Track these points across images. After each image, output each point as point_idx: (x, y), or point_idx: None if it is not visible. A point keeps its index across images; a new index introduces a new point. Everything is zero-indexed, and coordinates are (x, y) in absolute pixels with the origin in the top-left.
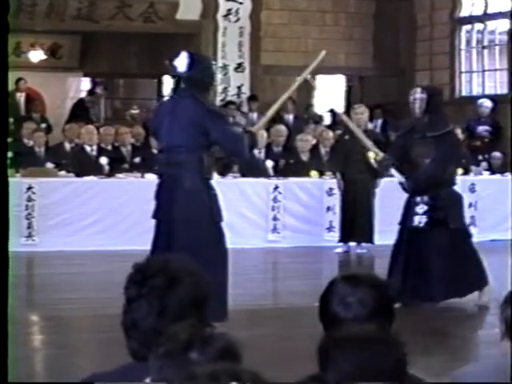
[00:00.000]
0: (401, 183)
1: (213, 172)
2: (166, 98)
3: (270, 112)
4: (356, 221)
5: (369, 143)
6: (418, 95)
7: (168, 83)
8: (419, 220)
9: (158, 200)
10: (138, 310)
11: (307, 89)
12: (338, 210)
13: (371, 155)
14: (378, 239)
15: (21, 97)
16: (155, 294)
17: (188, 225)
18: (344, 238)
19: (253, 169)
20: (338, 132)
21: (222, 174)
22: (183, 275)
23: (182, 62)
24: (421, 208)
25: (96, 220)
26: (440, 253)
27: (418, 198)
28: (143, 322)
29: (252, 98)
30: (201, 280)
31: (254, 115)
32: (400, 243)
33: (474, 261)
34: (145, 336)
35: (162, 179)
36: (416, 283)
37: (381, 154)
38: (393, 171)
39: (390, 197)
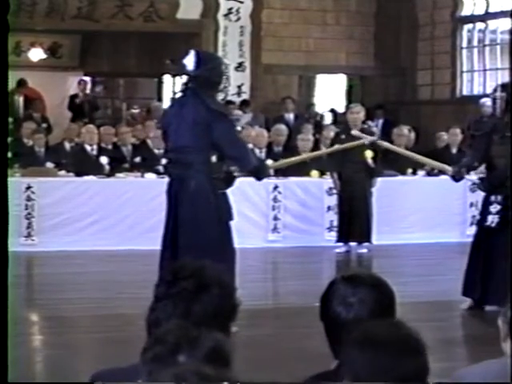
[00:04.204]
0: (476, 183)
1: (221, 171)
2: (177, 96)
3: (290, 160)
4: (354, 220)
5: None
6: (498, 93)
7: (168, 83)
8: (492, 220)
9: (167, 199)
10: (163, 310)
11: (308, 88)
12: None
13: (368, 154)
14: (377, 239)
15: (19, 96)
16: (182, 296)
17: (194, 225)
18: (342, 238)
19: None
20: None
21: (228, 185)
22: (213, 284)
23: (189, 61)
24: (494, 207)
25: (96, 220)
26: (506, 255)
27: (493, 198)
28: (166, 323)
29: (244, 103)
30: (229, 293)
31: (249, 115)
32: (475, 242)
33: None
34: None
35: (171, 179)
36: (481, 285)
37: (449, 168)
38: (467, 177)
39: (388, 197)
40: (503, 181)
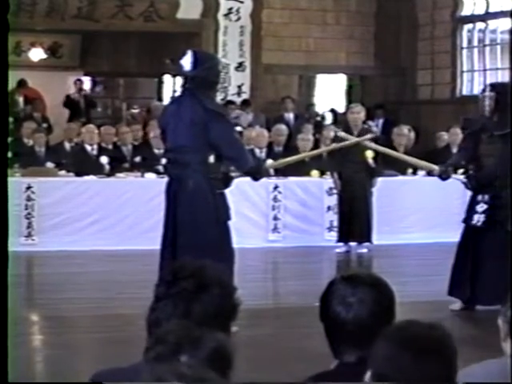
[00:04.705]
0: (464, 182)
1: (219, 171)
2: (176, 95)
3: (289, 159)
4: (354, 220)
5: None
6: (487, 93)
7: (168, 82)
8: (478, 219)
9: (166, 199)
10: (163, 310)
11: (308, 88)
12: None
13: (369, 154)
14: (377, 239)
15: (20, 96)
16: (182, 296)
17: (192, 226)
18: (342, 238)
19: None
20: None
21: (226, 185)
22: (213, 284)
23: (186, 61)
24: (481, 207)
25: (96, 220)
26: (492, 254)
27: (480, 197)
28: (166, 323)
29: (245, 103)
30: (229, 292)
31: (250, 116)
32: (462, 242)
33: None
34: None
35: (169, 179)
36: (470, 284)
37: (436, 168)
38: (454, 176)
39: (388, 197)
40: (491, 180)
